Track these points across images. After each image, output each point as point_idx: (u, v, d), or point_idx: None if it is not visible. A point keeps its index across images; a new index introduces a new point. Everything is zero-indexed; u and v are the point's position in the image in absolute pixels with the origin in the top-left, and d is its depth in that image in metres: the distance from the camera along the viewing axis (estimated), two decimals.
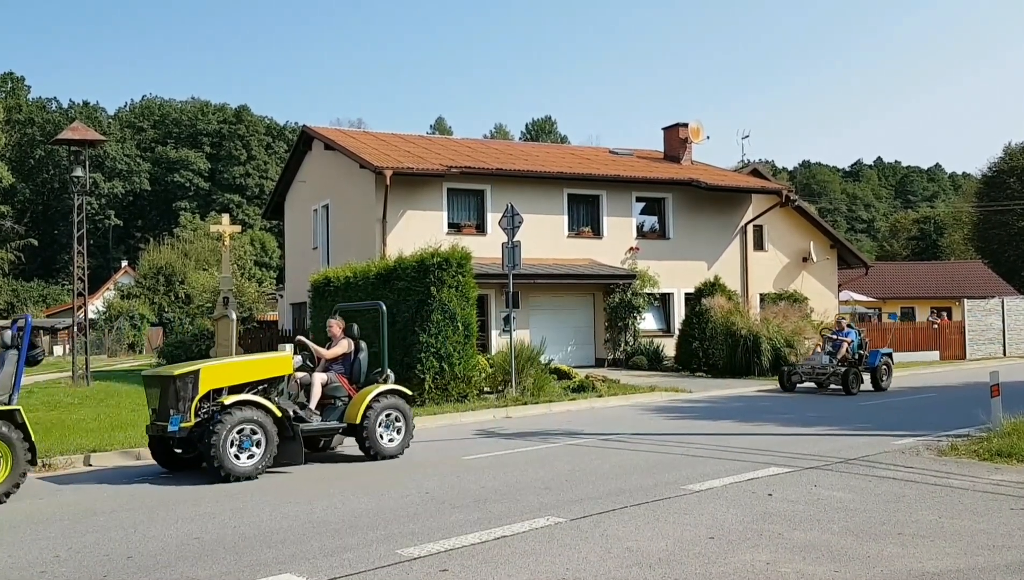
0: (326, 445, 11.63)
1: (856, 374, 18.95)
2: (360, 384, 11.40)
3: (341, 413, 11.00)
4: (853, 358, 19.54)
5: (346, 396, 11.12)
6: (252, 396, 9.90)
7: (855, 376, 18.90)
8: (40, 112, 78.61)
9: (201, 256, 56.37)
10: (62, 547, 6.85)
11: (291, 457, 10.10)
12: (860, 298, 41.42)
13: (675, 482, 8.83)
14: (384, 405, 11.04)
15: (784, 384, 19.78)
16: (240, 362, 10.50)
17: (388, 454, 10.90)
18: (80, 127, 24.18)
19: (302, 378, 10.96)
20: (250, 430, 9.61)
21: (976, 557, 5.95)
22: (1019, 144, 64.50)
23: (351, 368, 11.50)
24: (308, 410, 10.67)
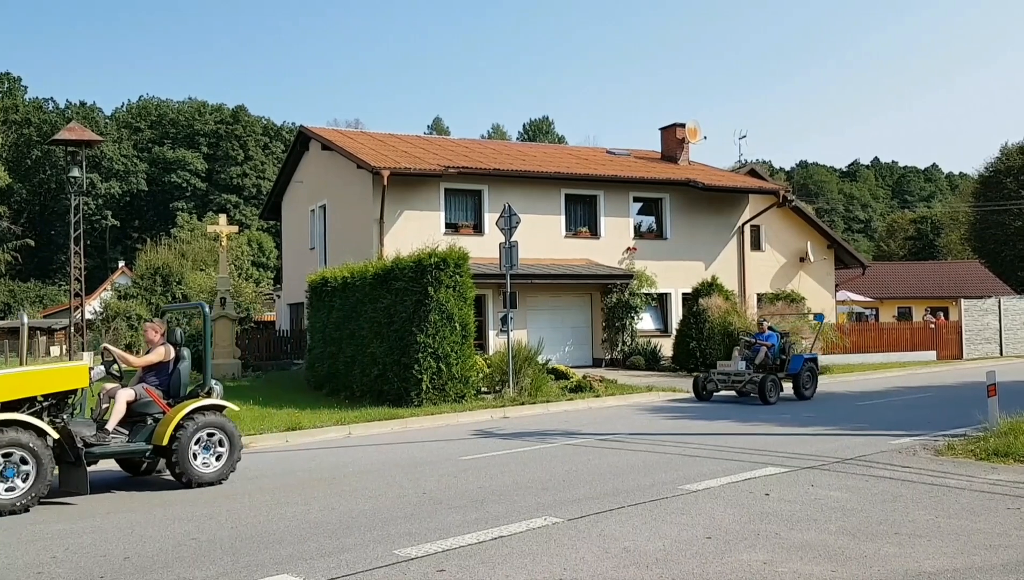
0: (151, 468, 10.32)
1: (775, 382, 17.39)
2: (180, 399, 9.84)
3: (151, 433, 9.46)
4: (774, 364, 18.11)
5: (160, 413, 9.57)
6: (22, 415, 8.46)
7: (773, 384, 17.34)
8: (37, 112, 78.44)
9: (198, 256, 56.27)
10: (59, 548, 6.84)
11: (76, 485, 8.76)
12: (857, 298, 41.45)
13: (672, 482, 8.83)
14: (201, 423, 9.43)
15: (699, 392, 18.08)
16: (18, 373, 9.08)
17: (204, 481, 9.35)
18: (77, 127, 24.17)
19: (110, 391, 9.64)
20: (19, 457, 8.19)
21: (973, 556, 5.96)
22: (1015, 144, 64.54)
23: (169, 380, 9.91)
24: (106, 431, 9.21)
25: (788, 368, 18.31)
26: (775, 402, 17.00)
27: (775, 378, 17.47)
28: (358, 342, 18.21)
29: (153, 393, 9.63)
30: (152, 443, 9.38)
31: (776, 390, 17.34)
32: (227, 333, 24.37)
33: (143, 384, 9.72)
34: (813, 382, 18.53)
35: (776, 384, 17.39)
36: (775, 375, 17.62)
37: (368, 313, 18.01)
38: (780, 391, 17.49)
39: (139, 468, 10.33)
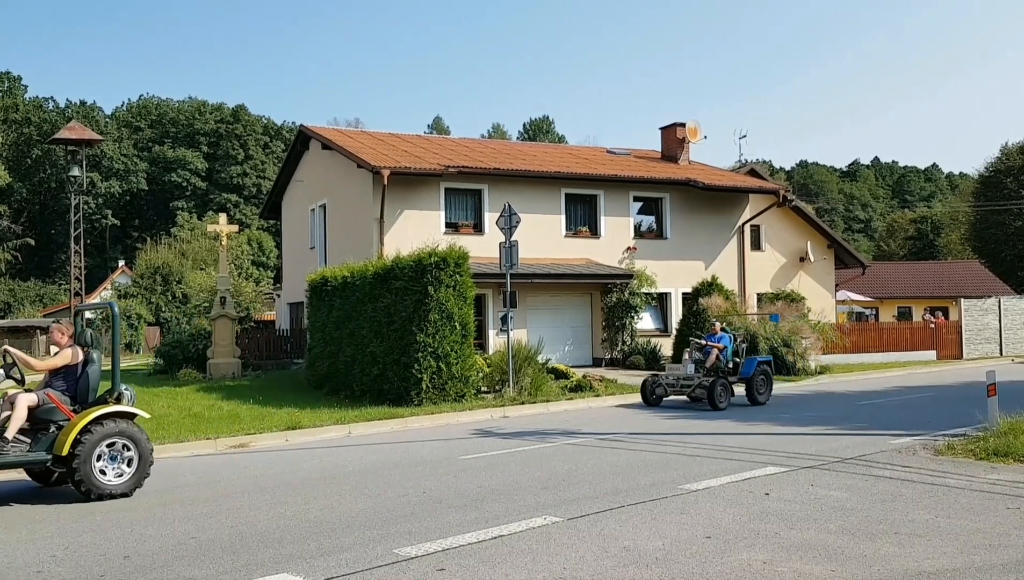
0: (62, 479, 9.41)
1: (725, 386, 16.40)
2: (88, 405, 9.16)
3: (52, 441, 8.80)
4: (726, 367, 17.10)
5: (64, 420, 8.93)
6: None
7: (723, 388, 16.35)
8: (37, 111, 78.41)
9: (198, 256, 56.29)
10: (59, 547, 6.84)
11: None
12: (857, 298, 41.46)
13: (672, 481, 8.84)
14: (105, 432, 8.77)
15: (647, 398, 17.09)
16: None
17: (109, 493, 8.70)
18: (77, 127, 24.19)
19: (11, 397, 8.94)
20: None
21: (972, 556, 5.96)
22: (1016, 144, 64.53)
23: (76, 385, 9.23)
24: (4, 439, 8.56)
25: (741, 371, 17.35)
26: (724, 407, 16.07)
27: (725, 382, 16.49)
28: (358, 341, 18.21)
29: (56, 399, 8.96)
30: (53, 452, 8.72)
31: (726, 395, 16.34)
32: (227, 332, 24.35)
33: (47, 389, 9.09)
34: (767, 386, 17.53)
35: (726, 389, 16.40)
36: (725, 379, 16.63)
37: (368, 312, 18.01)
38: (731, 396, 16.52)
39: (49, 478, 9.60)
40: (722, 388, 16.31)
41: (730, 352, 17.31)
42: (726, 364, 17.10)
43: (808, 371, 23.29)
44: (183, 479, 9.99)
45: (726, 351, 17.20)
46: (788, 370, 22.85)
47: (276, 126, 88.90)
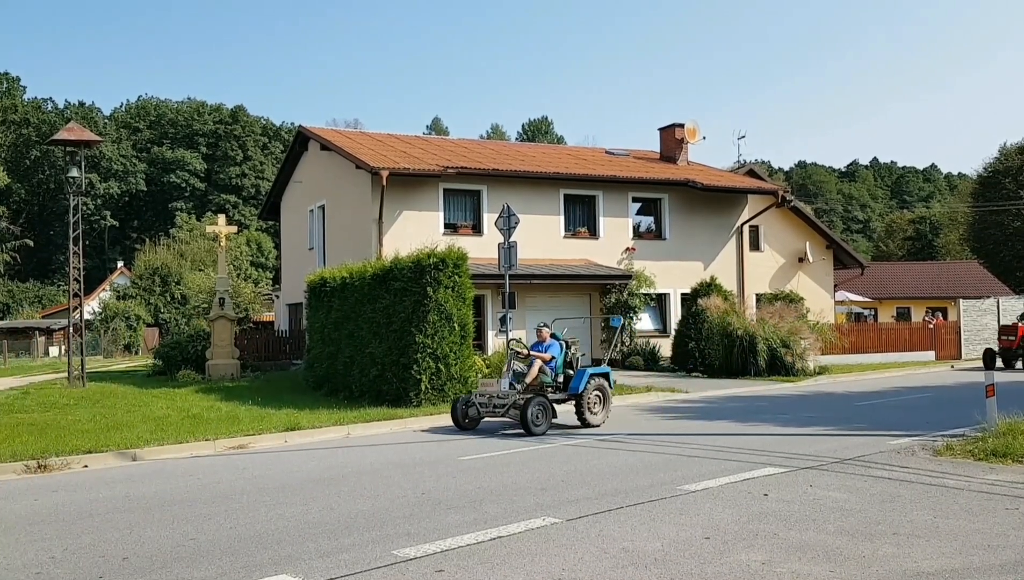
0: None
1: (543, 405, 13.38)
2: None
3: None
4: (554, 382, 14.33)
5: None
6: None
7: (541, 408, 13.33)
8: (36, 112, 78.46)
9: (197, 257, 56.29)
10: (58, 548, 6.84)
11: None
12: (856, 298, 41.47)
13: (671, 482, 8.84)
14: None
15: (459, 421, 14.05)
16: None
17: None
18: (76, 127, 24.12)
19: None
20: None
21: (971, 557, 5.97)
22: (1015, 144, 64.64)
23: None
24: None
25: (570, 386, 14.37)
26: (542, 432, 13.12)
27: (544, 400, 13.45)
28: (357, 342, 18.20)
29: None
30: None
31: (545, 416, 13.38)
32: (226, 333, 24.36)
33: None
34: (603, 404, 14.48)
35: (545, 408, 13.38)
36: (545, 397, 13.62)
37: (367, 313, 18.01)
38: (551, 417, 13.56)
39: None
40: (539, 408, 13.31)
41: (560, 363, 14.48)
42: (554, 378, 14.31)
43: (807, 372, 23.30)
44: (182, 480, 9.99)
45: (554, 362, 14.38)
46: (787, 371, 22.87)
47: (275, 127, 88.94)
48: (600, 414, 14.37)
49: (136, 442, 12.23)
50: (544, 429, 13.28)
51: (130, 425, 14.18)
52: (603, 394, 14.55)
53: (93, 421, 14.98)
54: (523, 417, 13.14)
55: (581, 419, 14.17)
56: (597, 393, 14.44)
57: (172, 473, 10.52)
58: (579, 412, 14.20)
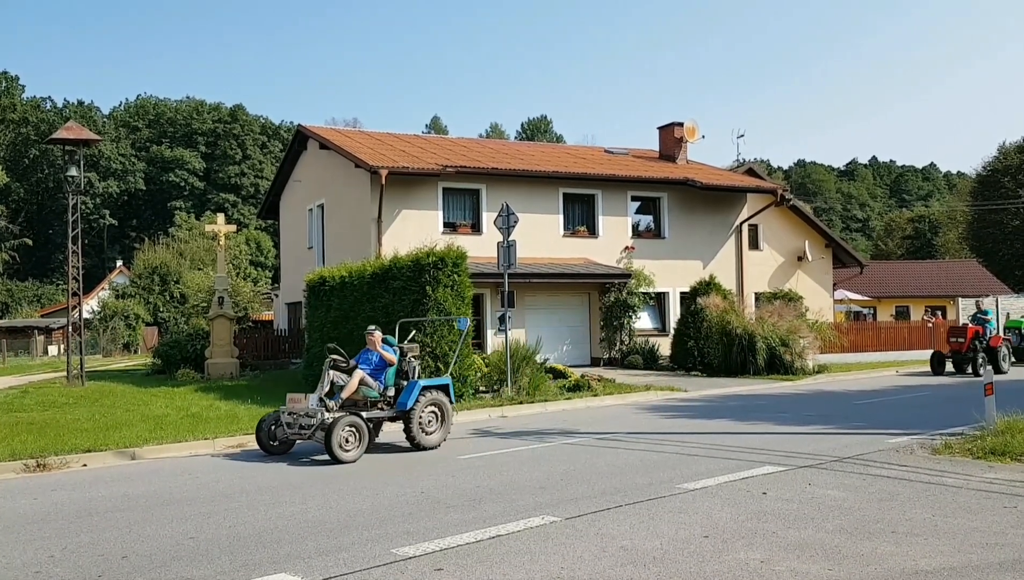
0: None
1: (356, 427, 11.02)
2: None
3: None
4: (383, 395, 11.96)
5: None
6: None
7: (353, 431, 10.98)
8: (34, 111, 78.40)
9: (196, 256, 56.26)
10: (57, 547, 6.84)
11: None
12: (855, 297, 41.49)
13: (670, 481, 8.84)
14: None
15: (265, 444, 11.70)
16: None
17: None
18: (75, 126, 24.12)
19: None
20: None
21: (970, 555, 5.97)
22: (1013, 143, 64.65)
23: None
24: None
25: (399, 401, 12.00)
26: (353, 459, 10.84)
27: (356, 420, 11.10)
28: (356, 341, 18.17)
29: None
30: None
31: (359, 439, 11.03)
32: (225, 332, 24.36)
33: None
34: (441, 422, 12.10)
35: (358, 430, 11.05)
36: (359, 415, 11.30)
37: (366, 312, 18.01)
38: (366, 440, 11.15)
39: None
40: (349, 430, 10.97)
41: (391, 375, 12.13)
42: (383, 391, 11.96)
43: (806, 370, 23.30)
44: (181, 479, 9.99)
45: (384, 373, 12.05)
46: (786, 370, 22.87)
47: (274, 126, 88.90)
48: (436, 434, 11.96)
49: (135, 441, 12.22)
50: (355, 455, 10.86)
51: (129, 424, 14.17)
52: (441, 410, 12.10)
53: (92, 420, 14.97)
54: (327, 441, 10.75)
55: (410, 440, 11.78)
56: (432, 409, 12.01)
57: (171, 472, 10.52)
58: (407, 432, 11.80)
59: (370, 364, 11.95)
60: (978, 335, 24.17)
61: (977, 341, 24.03)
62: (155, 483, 9.78)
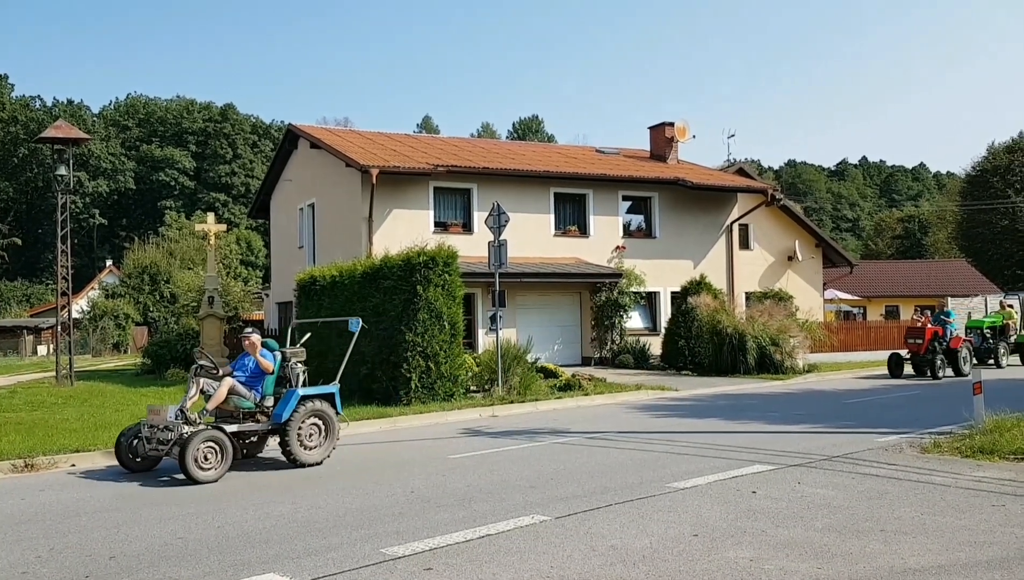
0: None
1: (217, 443, 9.66)
2: None
3: None
4: (259, 406, 10.67)
5: None
6: None
7: (213, 447, 9.62)
8: (23, 110, 78.00)
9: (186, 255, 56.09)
10: (44, 548, 6.81)
11: None
12: (845, 297, 41.64)
13: (660, 480, 8.85)
14: None
15: (124, 460, 10.37)
16: None
17: None
18: (64, 125, 24.02)
19: None
20: None
21: (958, 553, 5.99)
22: (1002, 144, 64.95)
23: None
24: None
25: (274, 413, 10.65)
26: (213, 479, 9.53)
27: (218, 435, 9.74)
28: (346, 341, 18.12)
29: None
30: None
31: (221, 456, 9.68)
32: (215, 332, 24.29)
33: None
34: (326, 435, 10.80)
35: (220, 446, 9.69)
36: (221, 429, 9.94)
37: (357, 312, 17.93)
38: (230, 457, 9.77)
39: None
40: (208, 446, 9.62)
41: (270, 383, 10.83)
42: (259, 401, 10.71)
43: (796, 370, 23.35)
44: (170, 479, 9.95)
45: (262, 382, 10.74)
46: (776, 369, 22.91)
47: (265, 125, 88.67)
48: (319, 449, 10.71)
49: None
50: (215, 474, 9.57)
51: (118, 424, 14.07)
52: (325, 423, 10.80)
53: (81, 420, 14.90)
54: (181, 458, 9.45)
55: (286, 456, 10.53)
56: (314, 422, 10.71)
57: (159, 472, 10.46)
58: (283, 447, 10.54)
59: (246, 371, 10.73)
60: (937, 336, 22.84)
61: (936, 342, 22.72)
62: (144, 483, 9.73)
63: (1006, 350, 25.53)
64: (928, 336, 22.66)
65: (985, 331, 25.76)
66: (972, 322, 26.70)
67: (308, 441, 10.65)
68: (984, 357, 25.04)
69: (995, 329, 25.84)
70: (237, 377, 10.62)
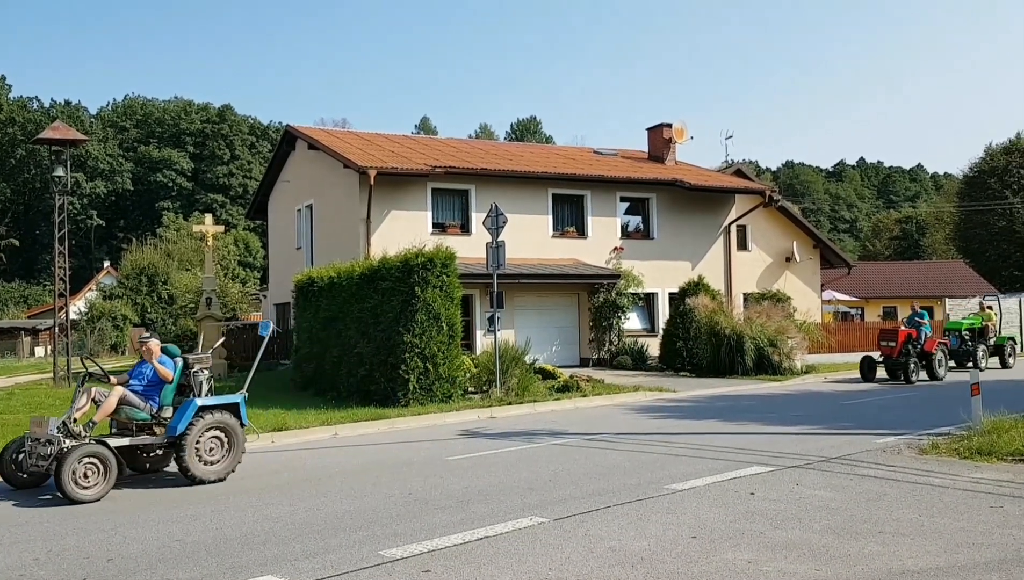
0: None
1: (99, 459, 8.87)
2: None
3: None
4: (155, 418, 9.81)
5: None
6: None
7: (95, 464, 8.83)
8: (21, 111, 77.86)
9: (184, 256, 56.00)
10: (41, 550, 6.80)
11: None
12: (843, 297, 41.67)
13: (658, 481, 8.84)
14: None
15: (10, 475, 9.54)
16: None
17: None
18: (61, 126, 23.98)
19: None
20: None
21: (956, 555, 5.99)
22: (999, 144, 65.05)
23: None
24: None
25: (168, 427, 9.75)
26: (94, 498, 8.70)
27: (100, 451, 8.90)
28: (345, 342, 18.16)
29: None
30: None
31: (104, 474, 8.87)
32: (213, 333, 24.23)
33: None
34: (229, 449, 9.87)
35: (103, 462, 8.87)
36: (104, 444, 9.10)
37: (355, 313, 17.97)
38: (114, 474, 8.96)
39: None
40: (90, 462, 8.81)
41: (169, 392, 10.00)
42: (158, 411, 9.86)
43: (794, 371, 23.36)
44: (167, 481, 9.94)
45: (158, 394, 9.95)
46: (774, 370, 22.92)
47: (262, 126, 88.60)
48: (219, 464, 9.78)
49: None
50: (96, 493, 8.74)
51: None
52: (228, 436, 9.89)
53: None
54: (57, 475, 8.64)
55: (183, 472, 9.61)
56: (215, 434, 9.78)
57: (157, 473, 10.45)
58: (178, 462, 9.62)
59: (143, 379, 9.94)
60: (911, 339, 22.06)
61: (910, 345, 21.92)
62: (140, 485, 9.72)
63: (985, 353, 24.73)
64: (901, 338, 21.93)
65: (964, 333, 25.15)
66: (951, 324, 26.18)
67: (208, 455, 9.73)
68: (963, 360, 24.49)
69: (974, 331, 25.27)
70: (133, 386, 9.86)
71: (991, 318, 26.17)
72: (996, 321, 26.69)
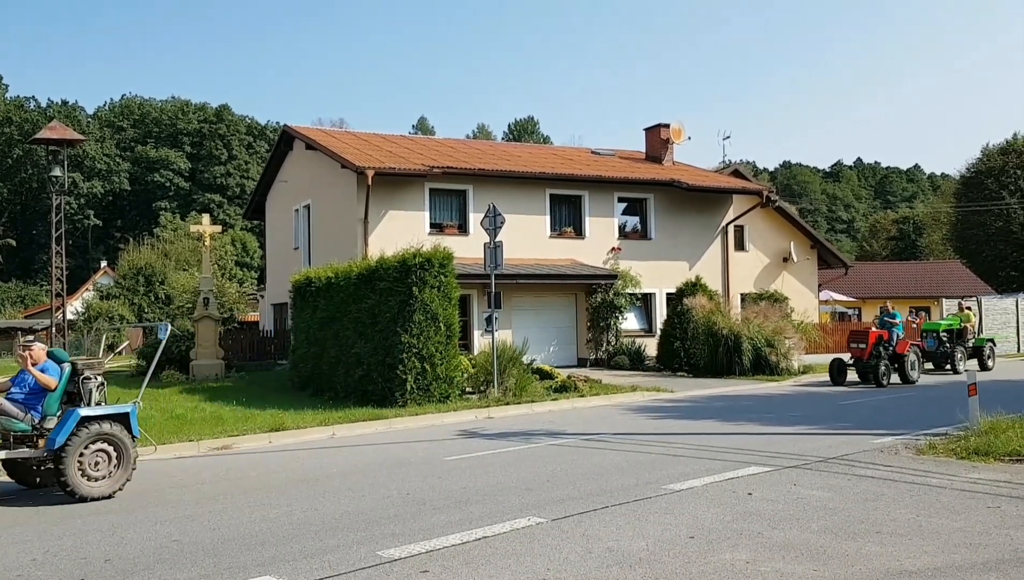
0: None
1: None
2: None
3: None
4: (41, 429, 9.08)
5: None
6: None
7: None
8: (18, 111, 77.77)
9: (181, 256, 55.92)
10: (39, 550, 6.79)
11: None
12: (840, 298, 41.70)
13: (656, 482, 8.85)
14: None
15: None
16: None
17: None
18: (59, 126, 24.01)
19: None
20: None
21: (953, 555, 6.00)
22: (996, 145, 65.10)
23: None
24: None
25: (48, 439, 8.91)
26: None
27: None
28: (342, 342, 18.15)
29: None
30: None
31: None
32: (210, 333, 24.23)
33: None
34: (119, 463, 9.07)
35: None
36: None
37: (352, 313, 17.96)
38: None
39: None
40: None
41: (53, 401, 9.18)
42: (40, 422, 9.08)
43: (791, 371, 23.38)
44: (165, 481, 9.93)
45: (42, 403, 9.14)
46: (772, 370, 22.94)
47: (260, 126, 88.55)
48: (106, 481, 8.95)
49: None
50: None
51: None
52: (117, 449, 9.05)
53: None
54: None
55: (62, 487, 8.80)
56: (101, 447, 8.95)
57: (155, 474, 10.45)
58: (57, 477, 8.80)
59: (24, 387, 9.17)
60: (882, 340, 21.14)
61: (881, 347, 21.00)
62: (138, 485, 9.70)
63: (963, 354, 24.15)
64: (872, 340, 21.03)
65: (942, 334, 24.56)
66: (929, 325, 25.48)
67: (94, 470, 8.87)
68: (940, 362, 24.06)
69: (952, 332, 24.72)
70: (14, 394, 9.08)
71: (970, 319, 25.76)
72: (975, 322, 26.32)
